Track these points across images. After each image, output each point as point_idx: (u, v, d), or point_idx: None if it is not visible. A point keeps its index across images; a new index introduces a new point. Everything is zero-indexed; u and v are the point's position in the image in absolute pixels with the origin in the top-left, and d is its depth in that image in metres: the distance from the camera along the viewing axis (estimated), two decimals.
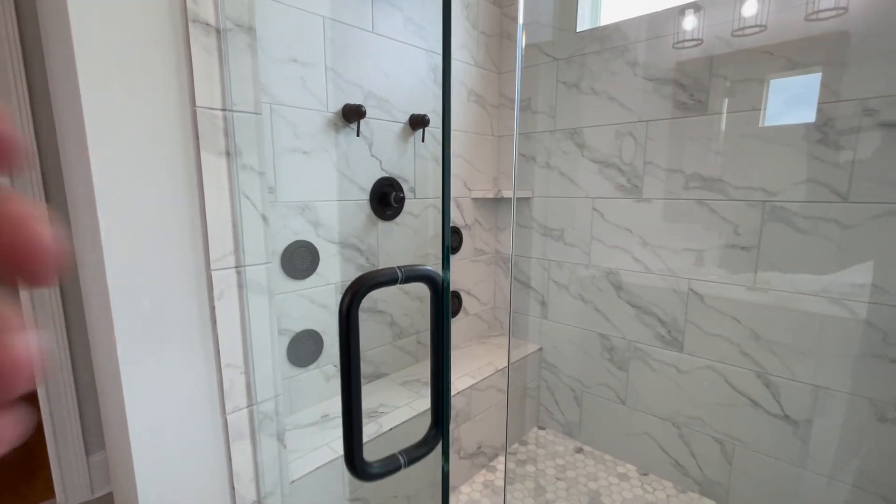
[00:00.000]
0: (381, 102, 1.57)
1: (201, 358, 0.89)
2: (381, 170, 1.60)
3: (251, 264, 0.92)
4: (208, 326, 0.89)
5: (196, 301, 0.87)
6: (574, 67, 1.79)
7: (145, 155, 0.78)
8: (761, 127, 1.38)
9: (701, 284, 1.56)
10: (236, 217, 0.89)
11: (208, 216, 0.85)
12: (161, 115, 0.79)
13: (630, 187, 1.69)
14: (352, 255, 1.55)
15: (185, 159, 0.83)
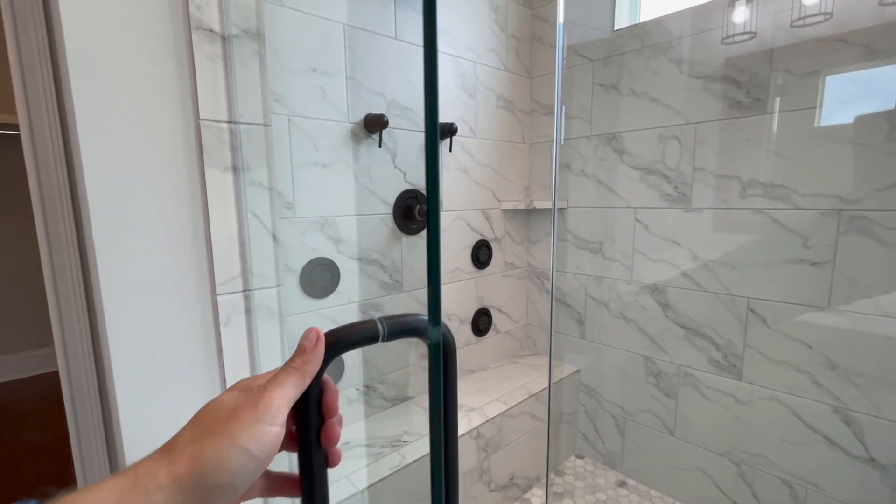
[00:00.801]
0: (404, 111, 1.49)
1: (205, 388, 0.82)
2: (405, 182, 1.52)
3: (260, 287, 0.85)
4: (214, 355, 0.82)
5: (200, 328, 0.80)
6: (612, 68, 1.66)
7: (144, 171, 0.73)
8: (833, 125, 1.21)
9: (763, 304, 1.38)
10: (244, 237, 0.82)
11: (213, 237, 0.79)
12: (161, 128, 0.74)
13: (677, 196, 1.54)
14: (374, 272, 1.47)
15: (188, 176, 0.77)
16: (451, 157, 1.66)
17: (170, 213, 0.76)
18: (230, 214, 0.80)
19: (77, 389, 1.56)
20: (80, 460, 1.65)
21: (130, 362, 0.74)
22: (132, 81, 0.71)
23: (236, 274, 0.82)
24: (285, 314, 0.91)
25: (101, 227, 0.71)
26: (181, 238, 0.77)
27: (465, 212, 1.75)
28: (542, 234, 1.99)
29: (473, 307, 1.84)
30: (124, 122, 0.71)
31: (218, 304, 0.81)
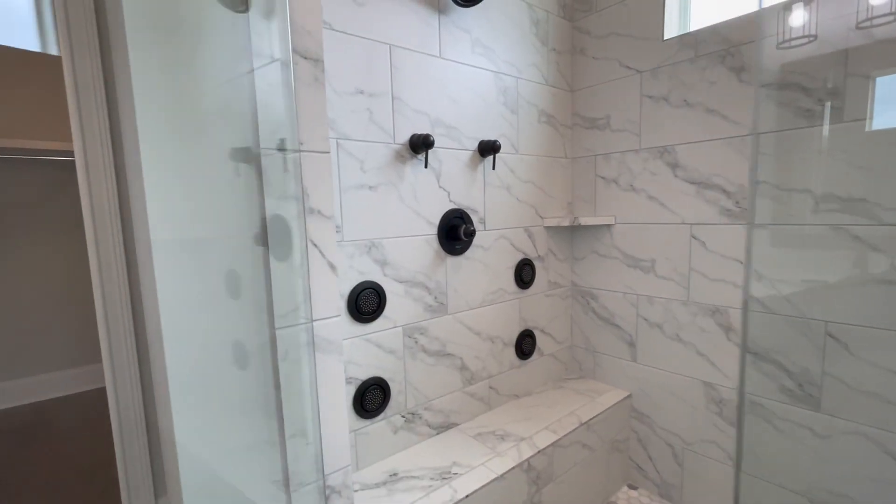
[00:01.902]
0: (449, 130, 1.46)
1: (263, 427, 0.79)
2: (449, 201, 1.48)
3: (319, 318, 0.82)
4: (271, 392, 0.79)
5: (258, 364, 0.77)
6: (662, 79, 1.59)
7: (203, 203, 0.71)
8: None
9: (844, 329, 1.26)
10: (304, 269, 0.79)
11: (273, 270, 0.76)
12: (221, 157, 0.72)
13: (738, 211, 1.44)
14: (420, 295, 1.43)
15: (247, 206, 0.75)
16: (494, 174, 1.62)
17: (228, 243, 0.73)
18: (290, 245, 0.77)
19: (124, 411, 1.56)
20: (126, 482, 1.65)
21: (188, 399, 0.71)
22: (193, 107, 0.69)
23: (295, 306, 0.79)
24: None
25: (161, 258, 0.69)
26: (240, 269, 0.75)
27: (508, 230, 1.69)
28: (587, 251, 1.92)
29: (517, 329, 1.77)
30: (184, 149, 0.69)
31: (276, 338, 0.78)
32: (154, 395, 1.60)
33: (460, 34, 1.47)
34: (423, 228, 1.42)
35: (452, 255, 1.51)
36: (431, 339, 1.47)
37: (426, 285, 1.44)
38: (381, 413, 1.36)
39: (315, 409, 0.82)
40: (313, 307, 0.79)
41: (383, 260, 1.33)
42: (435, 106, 1.42)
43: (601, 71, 1.78)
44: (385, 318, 1.34)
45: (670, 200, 1.61)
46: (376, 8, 1.25)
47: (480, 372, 1.65)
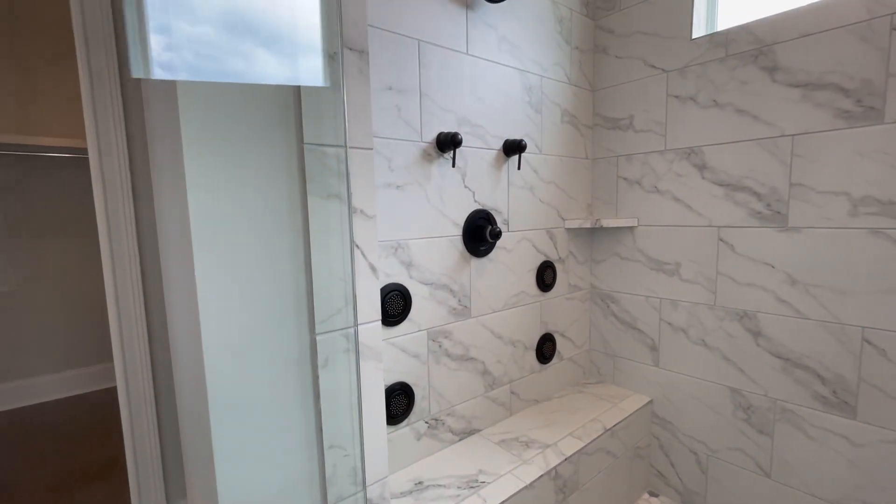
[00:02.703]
0: (474, 129, 1.42)
1: (301, 438, 0.75)
2: (474, 202, 1.45)
3: (361, 323, 0.78)
4: (310, 400, 0.75)
5: (297, 371, 0.73)
6: (690, 79, 1.56)
7: (244, 201, 0.66)
8: None
9: (882, 335, 1.23)
10: (346, 270, 0.75)
11: (314, 271, 0.72)
12: (263, 153, 0.68)
13: (770, 214, 1.41)
14: (444, 297, 1.39)
15: (289, 205, 0.71)
16: (518, 175, 1.58)
17: (269, 244, 0.69)
18: (333, 245, 0.74)
19: (136, 412, 1.51)
20: (137, 483, 1.60)
21: (225, 405, 0.67)
22: (234, 100, 0.65)
23: (336, 310, 0.75)
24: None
25: (201, 258, 0.64)
26: (280, 271, 0.71)
27: (531, 231, 1.66)
28: (608, 253, 1.88)
29: (538, 333, 1.74)
30: (225, 145, 0.65)
31: (317, 343, 0.73)
32: (172, 398, 1.55)
33: (487, 30, 1.43)
34: (448, 229, 1.38)
35: (477, 256, 1.48)
36: (455, 343, 1.44)
37: (451, 288, 1.41)
38: (406, 419, 1.32)
39: (355, 419, 0.78)
40: (357, 311, 0.76)
41: (409, 262, 1.29)
42: (461, 104, 1.38)
43: (624, 70, 1.75)
44: (410, 321, 1.30)
45: (697, 202, 1.58)
46: (405, 3, 1.21)
47: (502, 377, 1.61)
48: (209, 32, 0.67)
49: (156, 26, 0.76)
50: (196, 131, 0.63)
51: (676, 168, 1.63)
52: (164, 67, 0.68)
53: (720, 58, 1.48)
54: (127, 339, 1.49)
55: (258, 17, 0.69)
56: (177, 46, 0.67)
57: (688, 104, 1.58)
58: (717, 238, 1.54)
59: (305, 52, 0.71)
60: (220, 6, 0.67)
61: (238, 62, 0.68)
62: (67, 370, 2.80)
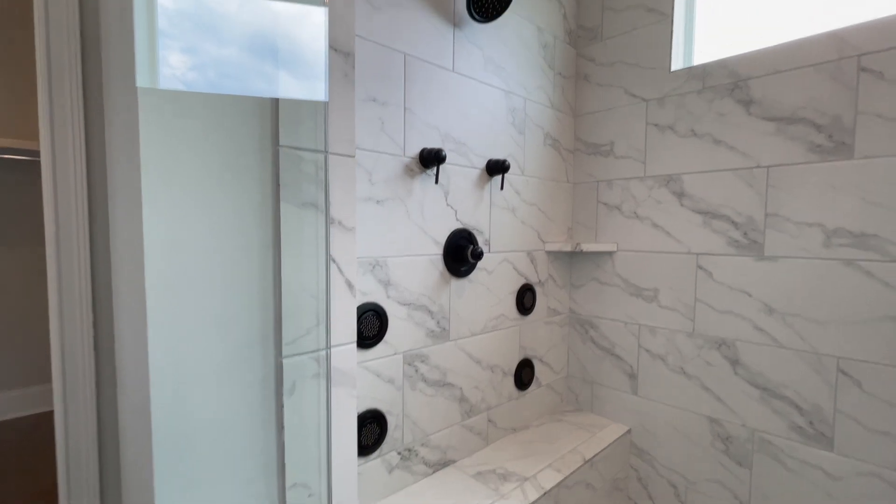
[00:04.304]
0: (458, 146, 1.40)
1: (259, 476, 0.66)
2: (456, 220, 1.41)
3: (334, 345, 0.71)
4: (272, 433, 0.66)
5: (259, 399, 0.65)
6: (669, 108, 1.59)
7: (207, 206, 0.60)
8: None
9: (857, 365, 1.24)
10: (319, 287, 0.68)
11: (284, 287, 0.65)
12: (232, 154, 0.61)
13: (747, 243, 1.43)
14: (422, 319, 1.33)
15: (259, 212, 0.64)
16: (501, 195, 1.56)
17: (233, 254, 0.62)
18: (306, 258, 0.67)
19: (73, 440, 1.35)
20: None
21: (170, 441, 0.58)
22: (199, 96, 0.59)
23: (306, 331, 0.68)
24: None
25: (152, 266, 0.57)
26: (245, 285, 0.63)
27: (511, 253, 1.63)
28: (587, 277, 1.87)
29: (517, 357, 1.69)
30: (187, 141, 0.58)
31: (283, 368, 0.66)
32: (116, 424, 1.40)
33: (474, 50, 1.42)
34: (429, 248, 1.33)
35: (457, 277, 1.42)
36: (432, 367, 1.36)
37: (429, 309, 1.34)
38: (377, 450, 1.23)
39: (323, 454, 0.69)
40: (331, 332, 0.69)
41: (387, 280, 1.22)
42: (446, 120, 1.35)
43: (606, 97, 1.78)
44: (386, 343, 1.23)
45: (676, 229, 1.59)
46: (393, 15, 1.19)
47: (479, 404, 1.54)
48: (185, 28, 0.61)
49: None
50: (155, 122, 0.56)
51: (656, 195, 1.64)
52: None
53: (697, 90, 1.52)
54: (69, 358, 1.35)
55: (230, 11, 0.64)
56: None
57: (667, 133, 1.61)
58: (695, 265, 1.55)
59: (286, 55, 0.66)
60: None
61: (211, 58, 0.62)
62: (7, 391, 2.54)
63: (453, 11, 1.35)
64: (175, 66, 0.62)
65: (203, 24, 0.62)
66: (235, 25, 0.64)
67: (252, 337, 0.63)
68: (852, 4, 1.28)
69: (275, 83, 0.65)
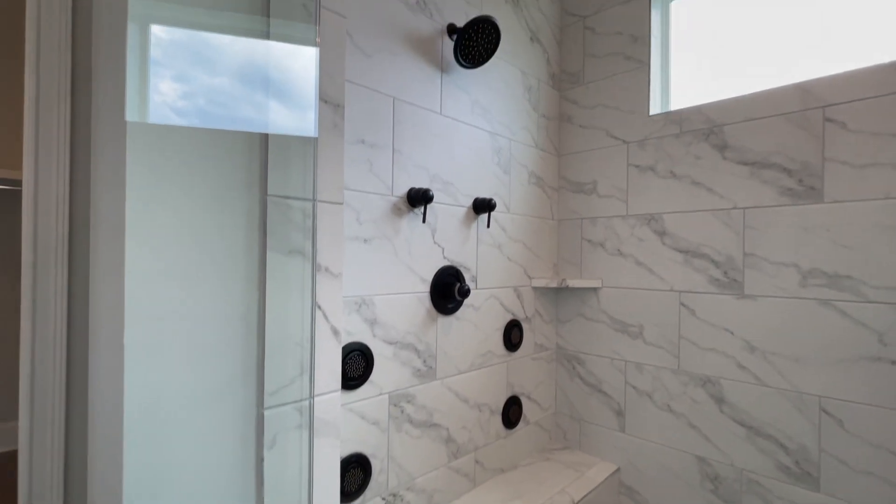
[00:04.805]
0: (445, 186, 1.42)
1: None
2: (443, 258, 1.42)
3: (318, 394, 0.69)
4: (251, 488, 0.64)
5: (238, 453, 0.63)
6: (649, 151, 1.66)
7: (192, 254, 0.60)
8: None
9: (838, 405, 1.26)
10: (304, 335, 0.68)
11: (268, 336, 0.64)
12: (219, 203, 0.62)
13: (727, 281, 1.46)
14: (408, 358, 1.31)
15: (245, 261, 0.64)
16: (488, 232, 1.58)
17: (216, 304, 0.62)
18: (291, 306, 0.67)
19: (37, 485, 1.28)
20: None
21: (140, 493, 0.56)
22: (192, 142, 0.60)
23: (290, 380, 0.67)
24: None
25: (134, 312, 0.56)
26: (228, 335, 0.63)
27: (499, 289, 1.64)
28: (573, 313, 1.88)
29: (504, 395, 1.67)
30: (175, 188, 0.59)
31: (264, 419, 0.64)
32: (84, 468, 1.33)
33: (461, 93, 1.47)
34: (415, 285, 1.33)
35: (444, 314, 1.42)
36: (418, 407, 1.34)
37: (416, 347, 1.33)
38: (360, 496, 1.19)
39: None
40: (315, 381, 0.68)
41: (373, 319, 1.21)
42: (434, 160, 1.38)
43: (588, 138, 1.84)
44: (371, 384, 1.21)
45: (658, 267, 1.63)
46: (383, 61, 1.23)
47: (467, 444, 1.51)
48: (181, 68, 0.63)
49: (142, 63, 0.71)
50: (142, 156, 0.57)
51: (638, 233, 1.68)
52: None
53: (675, 133, 1.59)
54: (39, 396, 1.29)
55: (231, 59, 0.66)
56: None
57: (647, 173, 1.66)
58: (678, 302, 1.58)
59: (277, 101, 0.68)
60: (192, 42, 0.64)
61: (204, 103, 0.64)
62: None
63: (441, 58, 1.40)
64: (165, 93, 0.64)
65: (196, 54, 0.64)
66: (227, 56, 0.65)
67: (233, 388, 0.62)
68: (816, 58, 1.37)
69: (265, 112, 0.66)
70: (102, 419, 0.74)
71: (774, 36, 1.48)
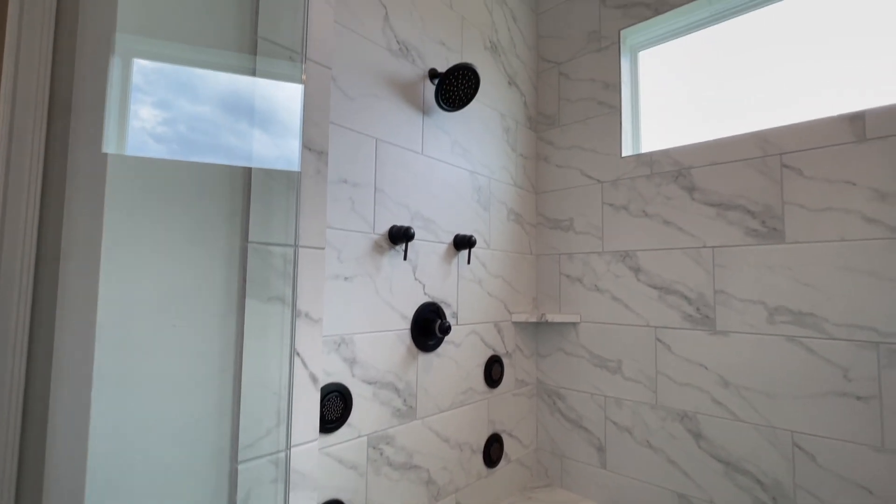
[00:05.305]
0: (426, 223, 1.45)
1: None
2: (424, 294, 1.42)
3: (295, 445, 0.68)
4: None
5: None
6: (622, 190, 1.73)
7: (168, 302, 0.59)
8: (855, 259, 1.25)
9: (809, 440, 1.29)
10: (282, 384, 0.67)
11: (244, 386, 0.63)
12: (197, 250, 0.62)
13: (700, 318, 1.51)
14: (388, 397, 1.29)
15: (223, 308, 0.63)
16: (468, 268, 1.60)
17: (191, 354, 0.60)
18: (269, 355, 0.66)
19: None
20: None
21: None
22: (175, 183, 0.60)
23: (266, 432, 0.65)
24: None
25: (103, 363, 0.54)
26: (201, 387, 0.61)
27: (479, 325, 1.64)
28: (553, 348, 1.89)
29: (486, 433, 1.64)
30: (155, 233, 0.59)
31: (237, 474, 0.62)
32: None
33: (441, 135, 1.52)
34: (396, 323, 1.33)
35: (425, 351, 1.41)
36: (398, 449, 1.31)
37: (396, 386, 1.31)
38: None
39: None
40: (292, 431, 0.66)
41: (353, 358, 1.20)
42: (415, 199, 1.41)
43: (564, 177, 1.91)
44: (349, 426, 1.18)
45: (634, 303, 1.67)
46: (366, 104, 1.27)
47: (447, 485, 1.47)
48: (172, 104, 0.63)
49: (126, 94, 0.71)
50: (123, 213, 0.56)
51: (614, 269, 1.73)
52: None
53: (646, 175, 1.67)
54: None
55: (214, 91, 0.67)
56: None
57: (621, 212, 1.73)
58: (654, 338, 1.61)
59: (261, 147, 0.69)
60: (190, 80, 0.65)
61: (194, 135, 0.64)
62: None
63: (423, 101, 1.45)
64: (145, 118, 0.64)
65: (178, 82, 0.64)
66: (210, 84, 0.66)
67: (205, 441, 0.60)
68: (773, 108, 1.48)
69: (247, 140, 0.67)
70: (63, 465, 0.70)
71: (735, 86, 1.59)
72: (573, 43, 1.92)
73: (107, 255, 0.56)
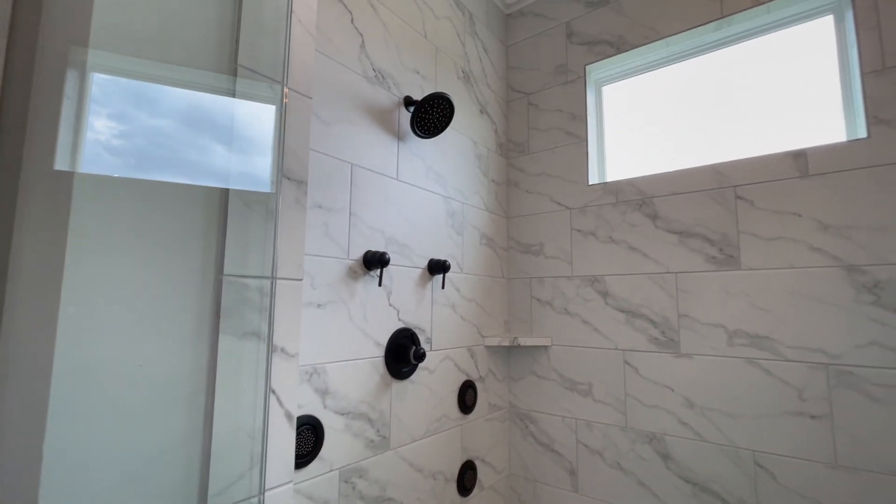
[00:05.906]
0: (401, 248, 1.44)
1: None
2: (398, 320, 1.40)
3: (269, 488, 0.64)
4: None
5: None
6: (589, 217, 1.79)
7: (134, 340, 0.55)
8: (803, 285, 1.34)
9: (769, 458, 1.35)
10: (256, 425, 0.63)
11: (216, 428, 0.60)
12: (168, 285, 0.59)
13: (665, 341, 1.56)
14: (361, 428, 1.25)
15: (193, 347, 0.60)
16: (442, 293, 1.60)
17: (157, 394, 0.57)
18: (243, 395, 0.63)
19: None
20: None
21: None
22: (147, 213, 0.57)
23: (237, 476, 0.61)
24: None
25: (58, 405, 0.50)
26: (168, 431, 0.57)
27: (453, 350, 1.63)
28: (525, 371, 1.90)
29: (459, 461, 1.62)
30: (124, 264, 0.55)
31: None
32: None
33: (416, 161, 1.53)
34: (370, 350, 1.30)
35: (398, 379, 1.39)
36: (371, 482, 1.26)
37: (369, 416, 1.28)
38: None
39: None
40: (265, 474, 0.62)
41: (325, 389, 1.16)
42: (389, 224, 1.40)
43: (534, 203, 1.96)
44: (321, 460, 1.13)
45: (603, 326, 1.71)
46: (342, 129, 1.27)
47: None
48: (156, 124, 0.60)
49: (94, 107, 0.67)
50: (88, 239, 0.53)
51: (583, 293, 1.77)
52: None
53: (612, 202, 1.74)
54: None
55: (206, 117, 0.65)
56: None
57: (589, 238, 1.78)
58: (622, 361, 1.65)
59: (235, 167, 0.67)
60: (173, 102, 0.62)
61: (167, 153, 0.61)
62: None
63: (398, 127, 1.46)
64: (100, 131, 0.60)
65: (137, 93, 0.61)
66: (172, 97, 0.64)
67: (171, 490, 0.56)
68: (726, 142, 1.59)
69: (210, 155, 0.64)
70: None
71: (693, 119, 1.70)
72: (542, 75, 2.00)
73: (69, 274, 0.52)
